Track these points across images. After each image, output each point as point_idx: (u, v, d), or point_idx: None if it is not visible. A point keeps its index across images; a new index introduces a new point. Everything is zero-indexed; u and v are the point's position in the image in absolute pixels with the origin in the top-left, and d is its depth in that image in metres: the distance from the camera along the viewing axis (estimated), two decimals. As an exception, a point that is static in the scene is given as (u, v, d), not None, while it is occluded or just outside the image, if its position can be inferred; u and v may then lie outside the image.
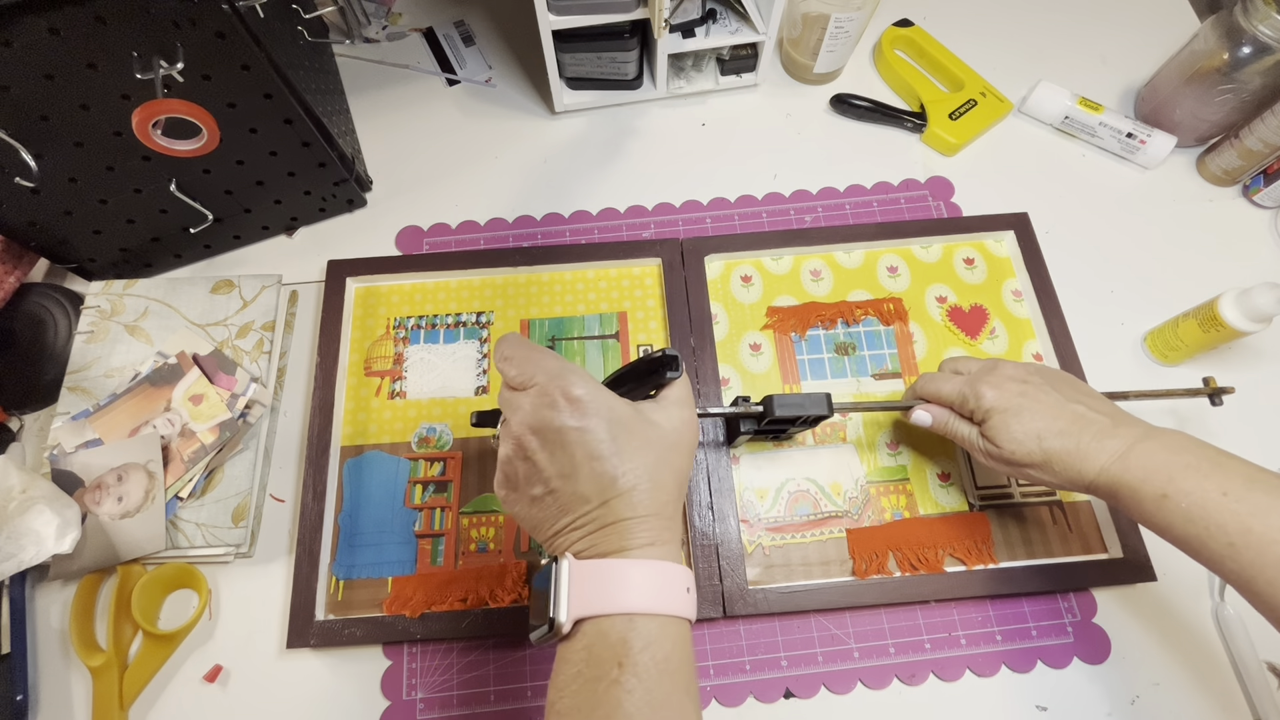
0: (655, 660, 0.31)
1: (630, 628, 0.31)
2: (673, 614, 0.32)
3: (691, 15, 0.63)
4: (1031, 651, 0.51)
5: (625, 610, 0.32)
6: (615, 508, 0.33)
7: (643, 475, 0.33)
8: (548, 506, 0.34)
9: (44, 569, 0.50)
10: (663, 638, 0.32)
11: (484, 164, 0.68)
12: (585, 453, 0.33)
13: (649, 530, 0.33)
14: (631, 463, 0.33)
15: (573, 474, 0.33)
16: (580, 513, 0.33)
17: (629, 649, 0.31)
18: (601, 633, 0.32)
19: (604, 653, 0.31)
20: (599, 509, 0.33)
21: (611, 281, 0.62)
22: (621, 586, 0.32)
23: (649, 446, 0.34)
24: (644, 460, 0.34)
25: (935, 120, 0.68)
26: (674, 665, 0.31)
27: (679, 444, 0.36)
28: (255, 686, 0.50)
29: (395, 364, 0.59)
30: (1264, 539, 0.36)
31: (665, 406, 0.37)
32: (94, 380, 0.55)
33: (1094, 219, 0.66)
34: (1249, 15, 0.58)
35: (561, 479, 0.33)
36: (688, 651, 0.33)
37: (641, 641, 0.31)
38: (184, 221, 0.58)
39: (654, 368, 0.37)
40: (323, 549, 0.52)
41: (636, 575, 0.32)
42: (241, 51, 0.46)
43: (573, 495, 0.33)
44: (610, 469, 0.33)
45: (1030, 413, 0.44)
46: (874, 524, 0.54)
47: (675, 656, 0.32)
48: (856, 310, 0.61)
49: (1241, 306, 0.53)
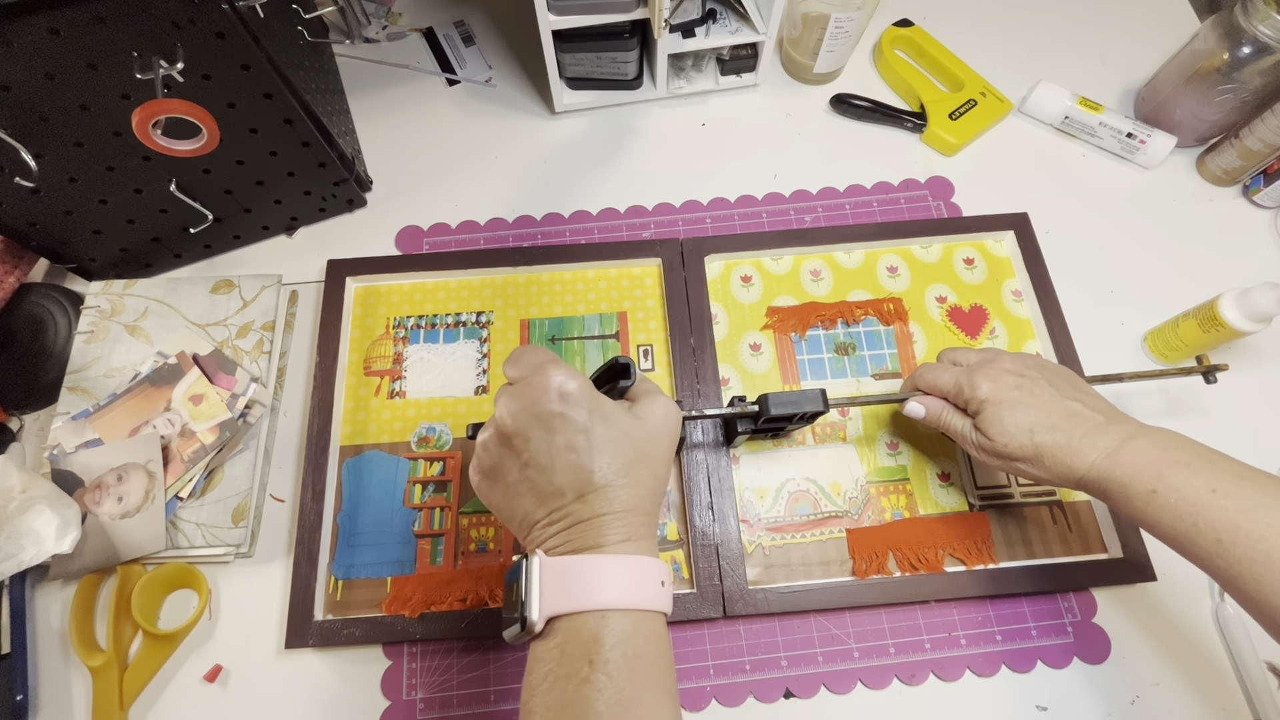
0: (627, 657, 0.30)
1: (602, 624, 0.31)
2: (647, 608, 0.32)
3: (691, 15, 0.63)
4: (1031, 651, 0.51)
5: (597, 607, 0.31)
6: (591, 503, 0.33)
7: (619, 471, 0.33)
8: (523, 496, 0.34)
9: (44, 569, 0.50)
10: (636, 633, 0.31)
11: (484, 164, 0.68)
12: (564, 441, 0.33)
13: (624, 526, 0.33)
14: (608, 458, 0.33)
15: (550, 465, 0.33)
16: (555, 506, 0.33)
17: (600, 645, 0.30)
18: (574, 630, 0.31)
19: (576, 650, 0.31)
20: (574, 503, 0.33)
21: (611, 281, 0.62)
22: (594, 583, 0.32)
23: (627, 440, 0.34)
24: (621, 456, 0.34)
25: (935, 120, 0.68)
26: (647, 661, 0.31)
27: (658, 437, 0.36)
28: (255, 686, 0.50)
29: (395, 364, 0.59)
30: (1251, 535, 0.36)
31: (642, 399, 0.37)
32: (94, 380, 0.55)
33: (1094, 219, 0.66)
34: (1249, 15, 0.58)
35: (538, 469, 0.33)
36: (664, 646, 0.33)
37: (614, 638, 0.31)
38: (184, 221, 0.58)
39: (612, 377, 0.38)
40: (322, 549, 0.52)
41: (609, 571, 0.32)
42: (241, 51, 0.46)
43: (548, 487, 0.33)
44: (587, 462, 0.33)
45: (1024, 406, 0.44)
46: (874, 524, 0.54)
47: (649, 652, 0.31)
48: (856, 310, 0.61)
49: (1241, 306, 0.53)
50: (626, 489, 0.34)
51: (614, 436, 0.34)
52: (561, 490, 0.33)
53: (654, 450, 0.35)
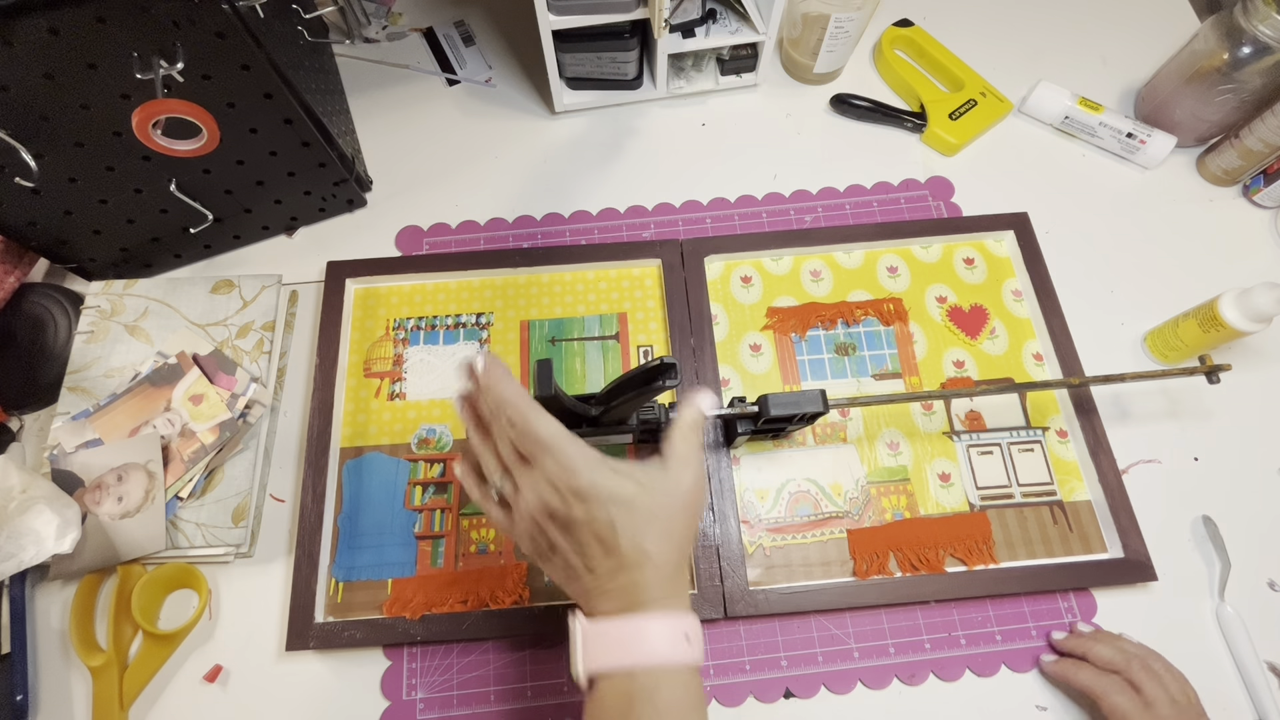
0: (658, 710, 0.33)
1: (636, 680, 0.34)
2: (679, 663, 0.34)
3: (691, 15, 0.63)
4: (1031, 651, 0.51)
5: (633, 664, 0.34)
6: (627, 574, 0.35)
7: (650, 545, 0.35)
8: (561, 570, 0.37)
9: (44, 569, 0.50)
10: (670, 685, 0.34)
11: (484, 164, 0.68)
12: (593, 536, 0.35)
13: (657, 587, 0.35)
14: (638, 538, 0.35)
15: (582, 551, 0.36)
16: (592, 579, 0.36)
17: (633, 701, 0.33)
18: (613, 686, 0.34)
19: (615, 705, 0.34)
20: (609, 577, 0.35)
21: (611, 282, 0.62)
22: (629, 643, 0.34)
23: (655, 518, 0.36)
24: (652, 532, 0.35)
25: (935, 120, 0.68)
26: (679, 712, 0.34)
27: (687, 507, 0.37)
28: (255, 686, 0.50)
29: (395, 365, 0.59)
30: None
31: (672, 468, 0.37)
32: (94, 380, 0.55)
33: (1094, 219, 0.66)
34: (1249, 15, 0.58)
35: (575, 554, 0.36)
36: (696, 696, 0.35)
37: (647, 693, 0.33)
38: (184, 221, 0.58)
39: (651, 377, 0.38)
40: (322, 551, 0.52)
41: (644, 631, 0.34)
42: (241, 51, 0.46)
43: (584, 568, 0.36)
44: (619, 547, 0.35)
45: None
46: (874, 524, 0.54)
47: (683, 703, 0.34)
48: (856, 310, 0.61)
49: (1241, 306, 0.53)
50: (657, 556, 0.35)
51: (640, 519, 0.35)
52: (595, 569, 0.36)
53: (682, 517, 0.37)
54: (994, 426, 0.57)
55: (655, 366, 0.38)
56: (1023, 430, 0.57)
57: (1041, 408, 0.58)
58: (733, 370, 0.59)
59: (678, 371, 0.38)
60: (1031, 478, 0.55)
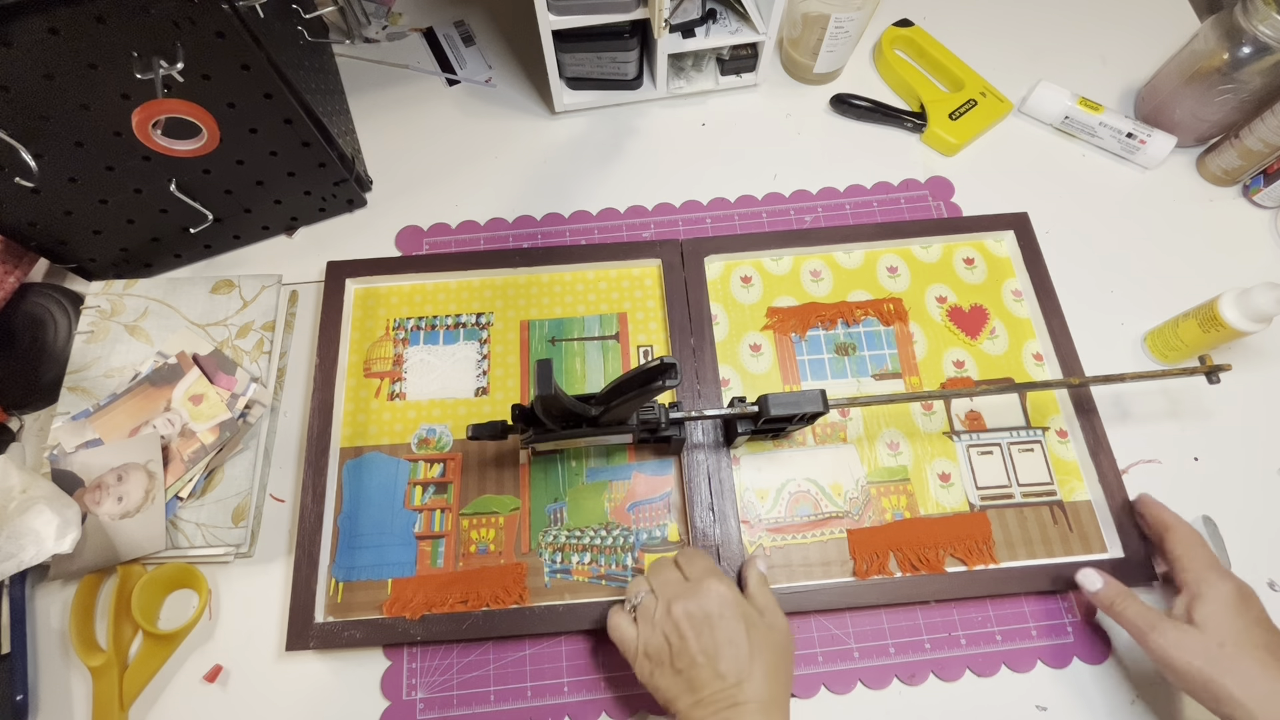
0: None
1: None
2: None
3: (691, 15, 0.63)
4: (1031, 651, 0.51)
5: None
6: (745, 689, 0.40)
7: (767, 667, 0.41)
8: (686, 679, 0.41)
9: (44, 569, 0.50)
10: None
11: (484, 164, 0.68)
12: (726, 637, 0.41)
13: (766, 714, 0.39)
14: (758, 654, 0.41)
15: (715, 654, 0.41)
16: (714, 689, 0.40)
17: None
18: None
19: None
20: (732, 687, 0.40)
21: (611, 282, 0.62)
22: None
23: (769, 644, 0.42)
24: (767, 655, 0.41)
25: (935, 120, 0.68)
26: None
27: (788, 649, 0.44)
28: (255, 686, 0.50)
29: (395, 365, 0.59)
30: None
31: (769, 614, 0.44)
32: (94, 380, 0.55)
33: (1094, 219, 0.66)
34: (1249, 15, 0.58)
35: (705, 656, 0.41)
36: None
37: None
38: (184, 221, 0.58)
39: (651, 377, 0.38)
40: (322, 551, 0.52)
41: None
42: (241, 51, 0.46)
43: (711, 672, 0.40)
44: (745, 654, 0.41)
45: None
46: (875, 524, 0.54)
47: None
48: (856, 310, 0.61)
49: (1241, 306, 0.53)
50: (769, 681, 0.41)
51: (758, 638, 0.42)
52: (723, 675, 0.40)
53: (786, 658, 0.43)
54: (994, 426, 0.57)
55: (655, 366, 0.38)
56: (1023, 430, 0.57)
57: (1041, 408, 0.58)
58: (733, 370, 0.59)
59: (678, 371, 0.38)
60: (1031, 478, 0.55)
